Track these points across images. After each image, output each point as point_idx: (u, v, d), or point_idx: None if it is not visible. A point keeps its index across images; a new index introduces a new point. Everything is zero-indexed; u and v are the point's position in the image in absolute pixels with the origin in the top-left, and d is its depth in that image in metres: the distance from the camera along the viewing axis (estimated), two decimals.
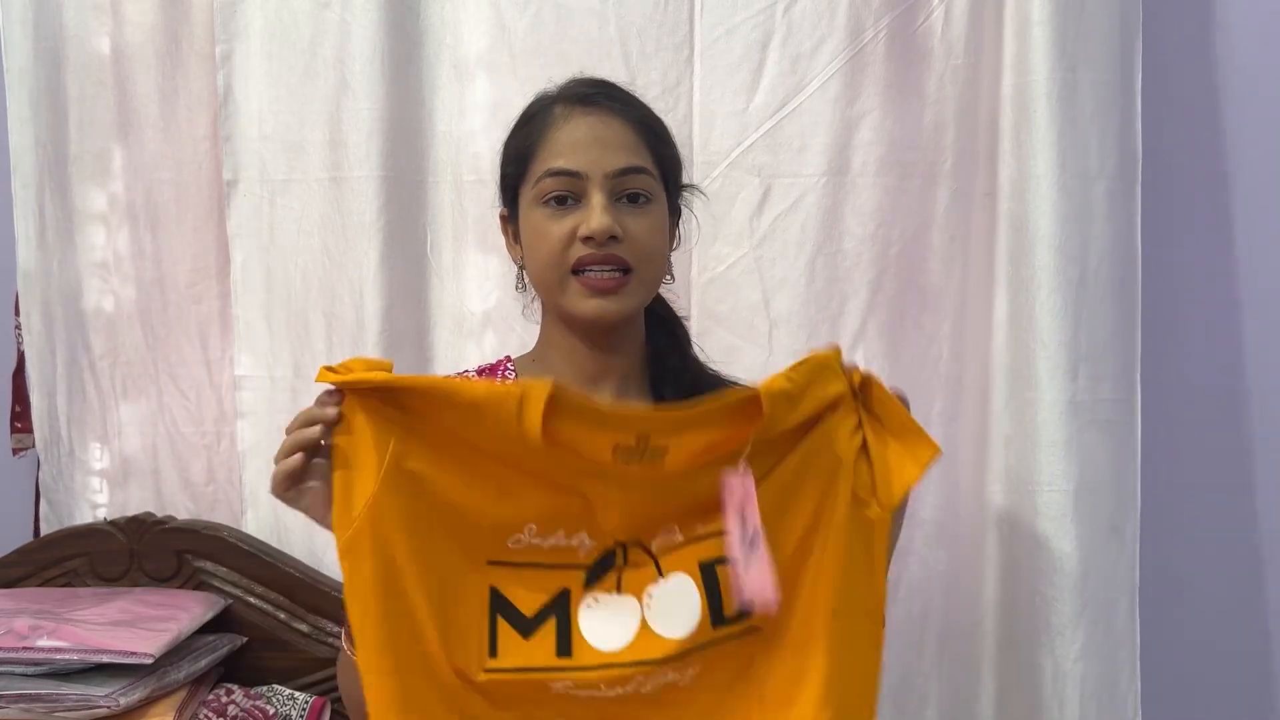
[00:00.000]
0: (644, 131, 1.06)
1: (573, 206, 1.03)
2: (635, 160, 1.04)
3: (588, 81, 1.10)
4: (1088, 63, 1.46)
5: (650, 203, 1.05)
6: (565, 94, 1.07)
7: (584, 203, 1.03)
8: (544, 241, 1.04)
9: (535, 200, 1.05)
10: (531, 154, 1.06)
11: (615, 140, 1.04)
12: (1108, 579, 1.49)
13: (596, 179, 1.02)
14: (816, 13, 1.47)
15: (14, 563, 1.58)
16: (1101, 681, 1.48)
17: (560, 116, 1.05)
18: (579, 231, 1.02)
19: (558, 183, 1.03)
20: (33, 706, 1.30)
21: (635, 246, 1.03)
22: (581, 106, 1.05)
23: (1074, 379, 1.47)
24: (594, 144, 1.03)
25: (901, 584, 1.56)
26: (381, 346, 1.53)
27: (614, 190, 1.03)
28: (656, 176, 1.06)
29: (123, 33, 1.58)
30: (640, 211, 1.04)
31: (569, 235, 1.02)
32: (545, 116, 1.06)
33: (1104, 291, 1.48)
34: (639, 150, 1.05)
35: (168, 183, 1.60)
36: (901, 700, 1.57)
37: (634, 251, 1.03)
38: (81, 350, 1.63)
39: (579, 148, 1.03)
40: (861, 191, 1.50)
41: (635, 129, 1.05)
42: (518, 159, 1.08)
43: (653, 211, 1.06)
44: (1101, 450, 1.49)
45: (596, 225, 1.01)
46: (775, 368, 1.48)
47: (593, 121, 1.04)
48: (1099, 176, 1.48)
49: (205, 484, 1.65)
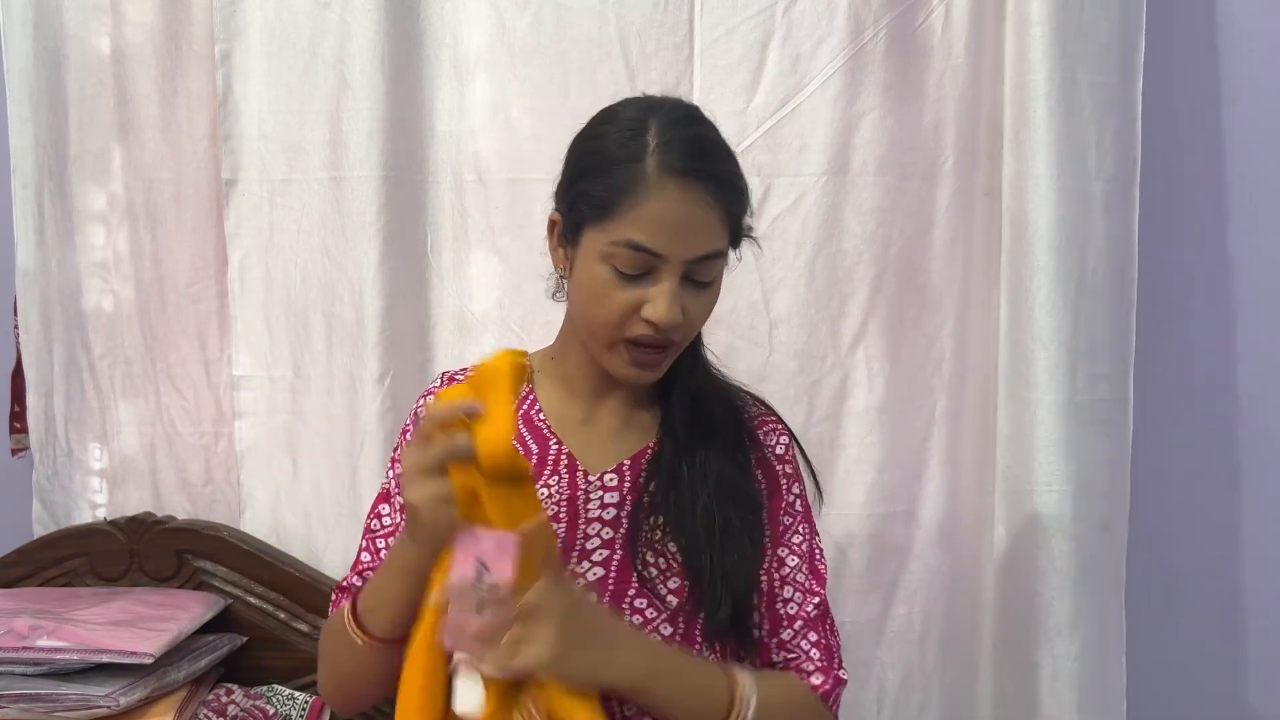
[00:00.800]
0: (730, 213, 1.00)
1: (642, 280, 0.98)
2: (717, 245, 0.99)
3: (688, 139, 0.99)
4: (1087, 63, 1.46)
5: (715, 281, 1.02)
6: (666, 153, 0.97)
7: (654, 278, 0.97)
8: (603, 304, 0.99)
9: (604, 256, 0.98)
10: (613, 211, 0.97)
11: (704, 224, 0.97)
12: (1100, 578, 1.51)
13: (675, 264, 0.97)
14: (816, 12, 1.47)
15: (14, 563, 1.58)
16: (1096, 680, 1.49)
17: (656, 185, 0.96)
18: (644, 312, 0.98)
19: (637, 257, 0.97)
20: (33, 706, 1.30)
21: (689, 326, 1.02)
22: (678, 180, 0.96)
23: (1073, 379, 1.47)
24: (683, 227, 0.96)
25: (902, 584, 1.56)
26: (382, 346, 1.53)
27: (687, 273, 0.98)
28: (727, 247, 1.02)
29: (123, 32, 1.58)
30: (703, 293, 1.01)
31: (632, 309, 0.98)
32: (636, 175, 0.96)
33: (1101, 292, 1.49)
34: (721, 233, 0.99)
35: (167, 182, 1.60)
36: (904, 699, 1.57)
37: (686, 331, 1.02)
38: (80, 350, 1.63)
39: (666, 228, 0.96)
40: (861, 191, 1.50)
41: (722, 210, 0.99)
42: (597, 207, 0.98)
43: (715, 287, 1.02)
44: (1098, 450, 1.50)
45: (665, 317, 0.97)
46: (775, 367, 1.51)
47: (687, 200, 0.96)
48: (1097, 177, 1.48)
49: (203, 484, 1.65)
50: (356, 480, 1.56)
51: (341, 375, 1.56)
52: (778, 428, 1.13)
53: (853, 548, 1.54)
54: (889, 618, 1.56)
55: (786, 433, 1.13)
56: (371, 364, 1.53)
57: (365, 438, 1.55)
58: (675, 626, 1.02)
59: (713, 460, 1.05)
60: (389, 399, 1.53)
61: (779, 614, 1.06)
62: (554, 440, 1.09)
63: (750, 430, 1.11)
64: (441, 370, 1.53)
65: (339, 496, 1.57)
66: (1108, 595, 1.52)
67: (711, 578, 0.99)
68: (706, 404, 1.09)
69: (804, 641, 1.06)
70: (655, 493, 1.05)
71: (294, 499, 1.59)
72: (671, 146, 0.97)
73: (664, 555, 1.03)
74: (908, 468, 1.55)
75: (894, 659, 1.56)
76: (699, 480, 1.04)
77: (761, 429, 1.12)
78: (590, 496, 1.06)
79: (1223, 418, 1.66)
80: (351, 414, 1.56)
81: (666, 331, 0.99)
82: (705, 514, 1.03)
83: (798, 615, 1.06)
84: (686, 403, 1.08)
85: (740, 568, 1.02)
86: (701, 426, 1.07)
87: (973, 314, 1.56)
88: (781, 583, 1.07)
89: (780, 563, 1.07)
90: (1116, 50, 1.49)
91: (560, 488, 1.06)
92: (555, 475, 1.07)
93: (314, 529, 1.59)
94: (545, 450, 1.09)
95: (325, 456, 1.58)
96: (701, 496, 1.03)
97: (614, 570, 1.03)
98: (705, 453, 1.06)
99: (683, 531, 1.02)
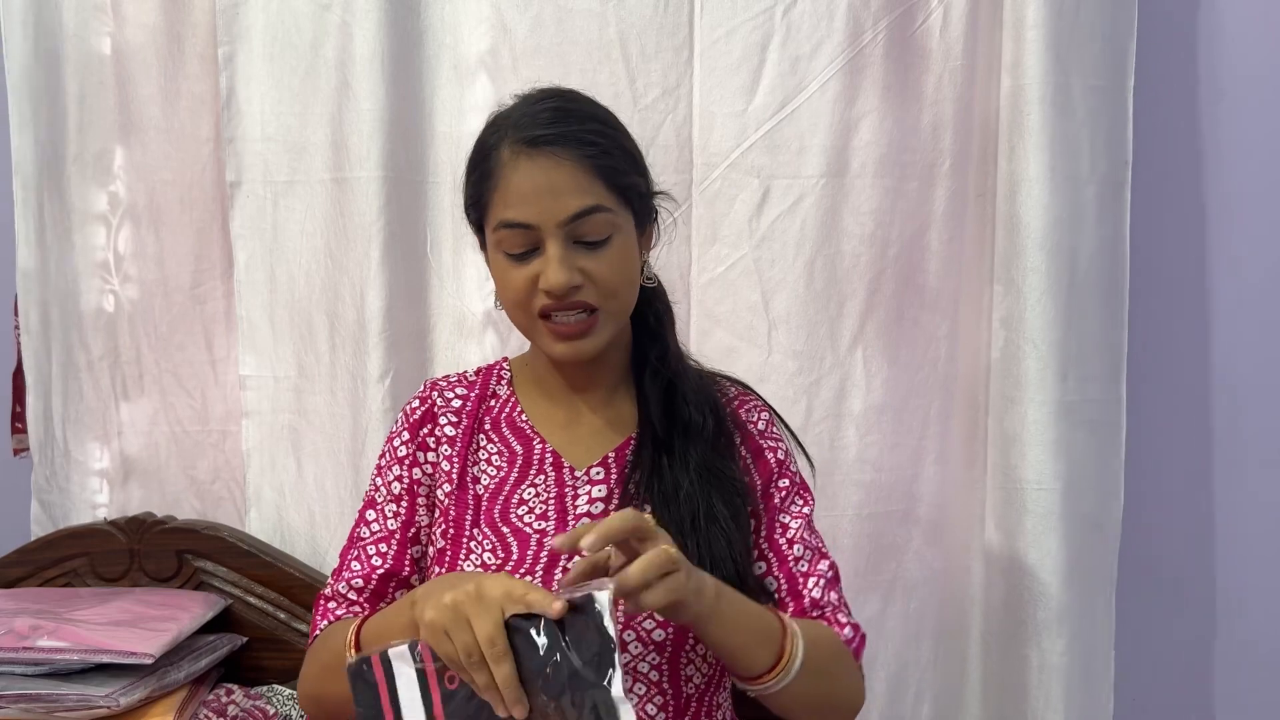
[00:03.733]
0: (596, 168, 1.01)
1: (532, 255, 1.01)
2: (589, 201, 1.00)
3: (536, 113, 1.03)
4: (1080, 67, 1.48)
5: (611, 238, 1.02)
6: (514, 133, 1.02)
7: (542, 250, 1.00)
8: (508, 289, 1.03)
9: (494, 245, 1.03)
10: (487, 202, 1.03)
11: (566, 184, 0.99)
12: (1091, 575, 1.52)
13: (550, 228, 0.99)
14: (816, 15, 1.48)
15: (14, 563, 1.58)
16: (1084, 674, 1.51)
17: (509, 164, 1.01)
18: (539, 283, 1.00)
19: (512, 234, 1.01)
20: (33, 706, 1.30)
21: (599, 287, 1.02)
22: (528, 150, 1.00)
23: (1064, 380, 1.49)
24: (545, 193, 0.99)
25: (898, 581, 1.57)
26: (382, 346, 1.53)
27: (570, 235, 1.00)
28: (615, 205, 1.02)
29: (124, 33, 1.58)
30: (600, 252, 1.01)
31: (530, 284, 1.01)
32: (495, 160, 1.02)
33: (1093, 293, 1.51)
34: (592, 188, 1.00)
35: (171, 184, 1.60)
36: (898, 694, 1.58)
37: (599, 292, 1.02)
38: (80, 351, 1.63)
39: (529, 198, 0.99)
40: (860, 192, 1.50)
41: (586, 167, 1.00)
42: (475, 203, 1.06)
43: (614, 245, 1.02)
44: (1088, 450, 1.51)
45: (554, 282, 0.99)
46: (775, 367, 1.52)
47: (541, 167, 0.99)
48: (1089, 179, 1.49)
49: (210, 482, 1.65)
50: (359, 479, 1.56)
51: (344, 375, 1.57)
52: (757, 405, 1.15)
53: (852, 547, 1.54)
54: (886, 616, 1.57)
55: (766, 408, 1.15)
56: (373, 364, 1.54)
57: (367, 437, 1.55)
58: None
59: (692, 447, 1.06)
60: (390, 399, 1.53)
61: (793, 573, 1.07)
62: (538, 440, 1.10)
63: (732, 413, 1.12)
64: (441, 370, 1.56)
65: (342, 495, 1.58)
66: (1097, 593, 1.54)
67: (699, 564, 1.00)
68: (681, 392, 1.10)
69: (832, 594, 1.06)
70: (639, 483, 1.06)
71: (298, 498, 1.60)
72: (520, 125, 1.02)
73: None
74: (905, 467, 1.56)
75: (889, 656, 1.57)
76: (680, 468, 1.05)
77: (742, 409, 1.13)
78: (578, 492, 1.07)
79: (1215, 416, 1.67)
80: (354, 413, 1.56)
81: (566, 295, 1.00)
82: (688, 501, 1.04)
83: (811, 572, 1.07)
84: (659, 392, 1.09)
85: (726, 553, 1.03)
86: (678, 414, 1.08)
87: (968, 315, 1.57)
88: (789, 544, 1.07)
89: (784, 528, 1.08)
90: (1109, 54, 1.50)
91: (547, 486, 1.07)
92: (541, 474, 1.08)
93: (317, 528, 1.59)
94: (530, 450, 1.10)
95: (328, 456, 1.58)
96: (684, 484, 1.04)
97: None
98: (684, 440, 1.07)
99: (669, 519, 1.03)
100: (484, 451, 1.11)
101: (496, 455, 1.10)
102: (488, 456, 1.10)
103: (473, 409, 1.13)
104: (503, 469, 1.09)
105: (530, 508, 1.07)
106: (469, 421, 1.12)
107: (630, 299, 1.07)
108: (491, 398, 1.15)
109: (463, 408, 1.13)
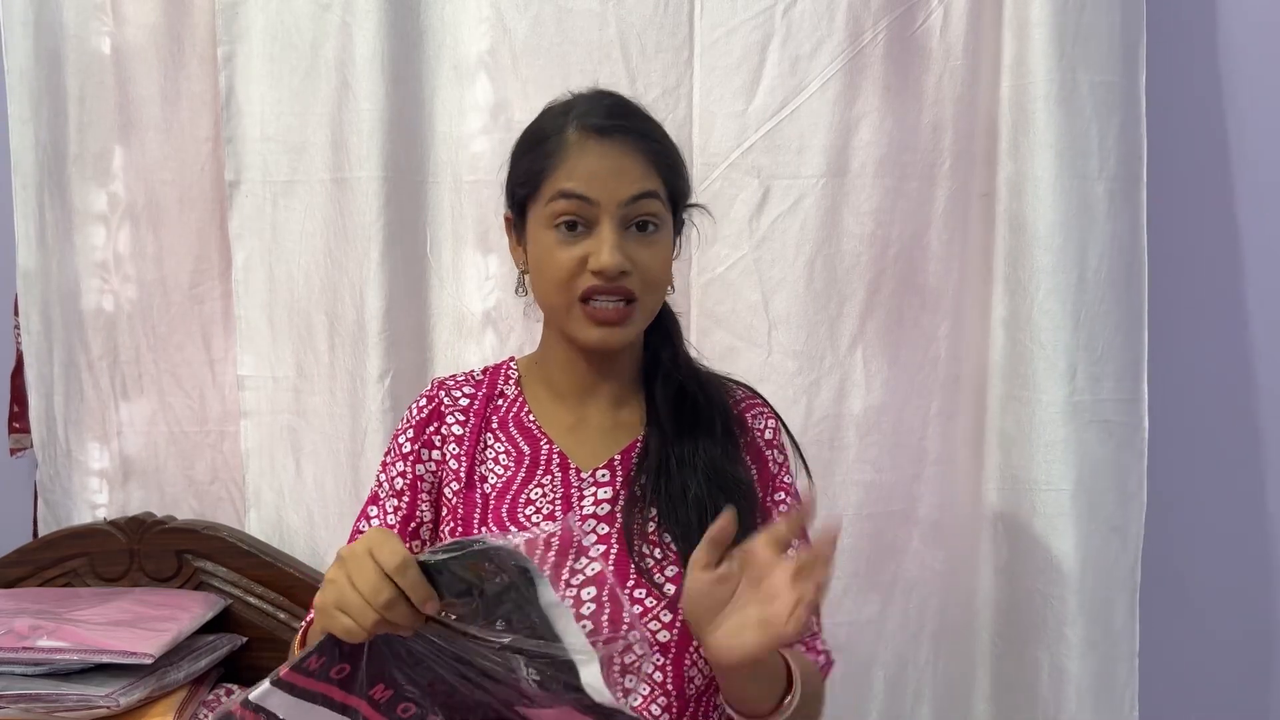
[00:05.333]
0: (658, 162, 1.06)
1: (583, 234, 1.03)
2: (647, 186, 1.04)
3: (604, 107, 1.08)
4: (1087, 63, 1.47)
5: (659, 230, 1.06)
6: (582, 119, 1.06)
7: (595, 231, 1.03)
8: (552, 267, 1.04)
9: (546, 221, 1.05)
10: (544, 176, 1.05)
11: (631, 169, 1.04)
12: (1107, 578, 1.51)
13: (609, 208, 1.03)
14: (816, 14, 1.48)
15: (14, 563, 1.58)
16: (1099, 678, 1.49)
17: (575, 144, 1.04)
18: (589, 264, 1.03)
19: (570, 205, 1.03)
20: (33, 706, 1.30)
21: (643, 277, 1.04)
22: (597, 135, 1.04)
23: (1071, 379, 1.48)
24: (610, 174, 1.03)
25: (898, 581, 1.57)
26: (382, 347, 1.53)
27: (625, 218, 1.03)
28: (665, 201, 1.07)
29: (123, 33, 1.59)
30: (649, 241, 1.05)
31: (579, 264, 1.03)
32: (559, 141, 1.05)
33: (1105, 292, 1.49)
34: (652, 177, 1.05)
35: (170, 184, 1.61)
36: (897, 694, 1.57)
37: (641, 283, 1.04)
38: (80, 350, 1.63)
39: (596, 174, 1.03)
40: (860, 192, 1.50)
41: (649, 157, 1.06)
42: (529, 179, 1.07)
43: (660, 240, 1.06)
44: (1102, 450, 1.50)
45: (608, 261, 1.01)
46: (774, 367, 1.52)
47: (611, 151, 1.04)
48: (1099, 177, 1.48)
49: (209, 483, 1.66)
50: (358, 480, 1.56)
51: (343, 375, 1.57)
52: (764, 411, 1.16)
53: (852, 548, 1.54)
54: (886, 616, 1.57)
55: (773, 415, 1.16)
56: (372, 364, 1.53)
57: (366, 437, 1.55)
58: (675, 613, 1.03)
59: (701, 450, 1.07)
60: (389, 399, 1.53)
61: None
62: (545, 440, 1.10)
63: (738, 416, 1.13)
64: (441, 370, 1.56)
65: (341, 495, 1.58)
66: (1117, 597, 1.51)
67: None
68: (690, 394, 1.11)
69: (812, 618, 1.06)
70: (646, 485, 1.07)
71: (297, 498, 1.60)
72: (590, 113, 1.06)
73: (659, 545, 1.05)
74: (905, 468, 1.56)
75: (889, 656, 1.57)
76: (688, 470, 1.06)
77: (749, 413, 1.14)
78: (584, 493, 1.07)
79: (1237, 417, 1.64)
80: (353, 414, 1.56)
81: (615, 279, 1.02)
82: (696, 503, 1.04)
83: None
84: (670, 395, 1.10)
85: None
86: (687, 417, 1.09)
87: (969, 315, 1.57)
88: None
89: None
90: (1118, 49, 1.49)
91: (553, 486, 1.08)
92: (548, 475, 1.09)
93: (317, 528, 1.59)
94: (537, 451, 1.10)
95: (328, 456, 1.58)
96: (692, 486, 1.05)
97: (611, 563, 1.04)
98: (693, 443, 1.08)
99: (675, 521, 1.04)
100: (491, 450, 1.11)
101: (504, 455, 1.11)
102: (495, 456, 1.11)
103: (480, 408, 1.13)
104: (510, 468, 1.10)
105: (538, 508, 1.07)
106: (476, 420, 1.12)
107: (661, 297, 1.10)
108: (499, 397, 1.15)
109: (470, 406, 1.13)
